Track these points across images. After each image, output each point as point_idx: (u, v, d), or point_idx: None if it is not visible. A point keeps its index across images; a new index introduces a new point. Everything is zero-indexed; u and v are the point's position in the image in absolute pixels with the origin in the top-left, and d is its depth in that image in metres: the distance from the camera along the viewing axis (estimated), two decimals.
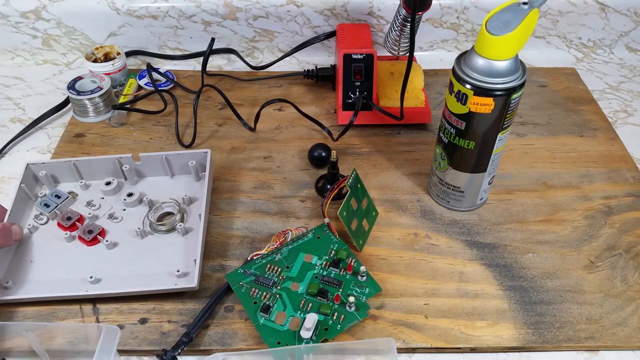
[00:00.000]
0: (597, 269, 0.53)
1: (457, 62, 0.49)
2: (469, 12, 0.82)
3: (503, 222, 0.58)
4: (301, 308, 0.48)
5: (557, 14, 0.82)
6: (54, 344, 0.45)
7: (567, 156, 0.66)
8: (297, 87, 0.78)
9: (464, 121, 0.50)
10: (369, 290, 0.50)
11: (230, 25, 0.82)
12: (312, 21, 0.82)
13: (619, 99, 0.77)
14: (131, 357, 0.48)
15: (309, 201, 0.60)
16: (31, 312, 0.50)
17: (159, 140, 0.69)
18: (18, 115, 0.74)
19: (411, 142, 0.68)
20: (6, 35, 0.81)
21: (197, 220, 0.56)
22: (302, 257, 0.53)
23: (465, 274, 0.53)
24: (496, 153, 0.53)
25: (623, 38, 0.85)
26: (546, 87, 0.78)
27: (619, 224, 0.58)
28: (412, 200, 0.60)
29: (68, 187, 0.61)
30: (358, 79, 0.68)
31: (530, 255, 0.55)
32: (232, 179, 0.63)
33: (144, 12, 0.80)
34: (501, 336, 0.48)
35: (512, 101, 0.48)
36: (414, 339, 0.47)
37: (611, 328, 0.48)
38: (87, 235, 0.55)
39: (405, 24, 0.65)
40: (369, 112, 0.69)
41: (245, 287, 0.50)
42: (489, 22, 0.45)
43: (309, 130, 0.70)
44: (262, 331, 0.47)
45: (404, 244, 0.56)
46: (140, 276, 0.52)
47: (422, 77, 0.70)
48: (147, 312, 0.50)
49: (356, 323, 0.48)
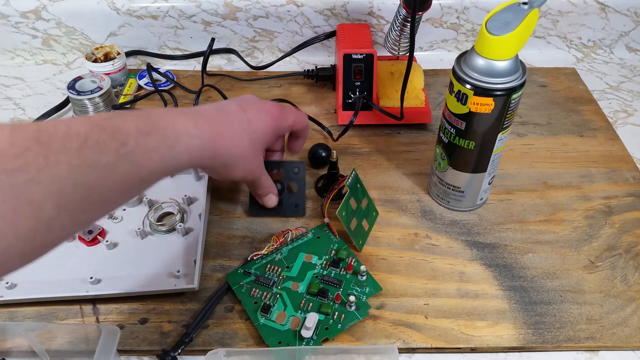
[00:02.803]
0: (597, 269, 0.53)
1: (457, 62, 0.49)
2: (469, 12, 0.82)
3: (503, 222, 0.58)
4: (301, 308, 0.48)
5: (557, 14, 0.82)
6: (54, 344, 0.45)
7: (567, 156, 0.66)
8: (297, 87, 0.78)
9: (464, 121, 0.50)
10: (369, 290, 0.50)
11: (230, 25, 0.82)
12: (312, 21, 0.82)
13: (619, 99, 0.77)
14: (131, 357, 0.48)
15: (309, 201, 0.60)
16: (31, 312, 0.50)
17: None
18: (18, 115, 0.74)
19: (411, 142, 0.68)
20: (6, 35, 0.81)
21: (197, 220, 0.56)
22: (302, 257, 0.53)
23: (465, 274, 0.53)
24: (496, 153, 0.53)
25: (623, 38, 0.85)
26: (546, 87, 0.78)
27: (619, 224, 0.57)
28: (412, 200, 0.60)
29: None
30: (358, 79, 0.68)
31: (531, 256, 0.55)
32: None
33: (144, 12, 0.80)
34: (501, 336, 0.48)
35: (512, 101, 0.48)
36: (414, 339, 0.47)
37: (611, 328, 0.48)
38: (87, 236, 0.55)
39: (405, 24, 0.65)
40: (369, 112, 0.69)
41: (245, 287, 0.50)
42: (489, 22, 0.45)
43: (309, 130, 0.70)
44: (263, 331, 0.47)
45: (404, 244, 0.56)
46: (140, 276, 0.52)
47: (422, 77, 0.70)
48: (147, 312, 0.50)
49: (356, 322, 0.48)
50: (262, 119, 0.49)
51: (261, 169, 0.52)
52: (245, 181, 0.53)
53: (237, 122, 0.47)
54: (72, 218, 0.33)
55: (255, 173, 0.51)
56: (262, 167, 0.52)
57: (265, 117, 0.49)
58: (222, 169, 0.47)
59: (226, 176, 0.49)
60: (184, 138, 0.41)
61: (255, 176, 0.52)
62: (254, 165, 0.50)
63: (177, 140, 0.40)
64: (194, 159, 0.42)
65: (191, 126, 0.42)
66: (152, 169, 0.38)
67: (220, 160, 0.45)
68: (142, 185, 0.39)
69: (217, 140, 0.44)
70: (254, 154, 0.49)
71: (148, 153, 0.37)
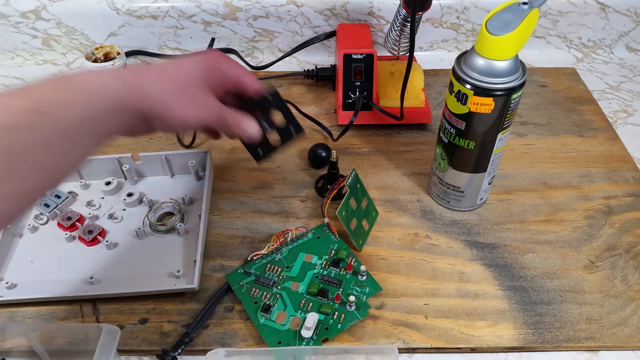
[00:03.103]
0: (597, 269, 0.53)
1: (457, 62, 0.49)
2: (469, 12, 0.82)
3: (503, 222, 0.58)
4: (301, 308, 0.48)
5: (557, 14, 0.82)
6: (54, 344, 0.45)
7: (567, 156, 0.66)
8: (297, 87, 0.78)
9: (464, 121, 0.50)
10: (369, 290, 0.50)
11: (230, 25, 0.82)
12: (312, 21, 0.82)
13: (619, 99, 0.77)
14: (131, 357, 0.48)
15: (309, 201, 0.60)
16: (31, 312, 0.50)
17: (159, 140, 0.69)
18: None
19: (411, 142, 0.68)
20: (6, 35, 0.81)
21: (197, 220, 0.56)
22: (302, 257, 0.53)
23: (465, 274, 0.53)
24: (496, 153, 0.53)
25: (623, 38, 0.85)
26: (546, 87, 0.78)
27: (619, 224, 0.57)
28: (412, 200, 0.60)
29: (68, 186, 0.61)
30: (358, 79, 0.68)
31: (531, 255, 0.55)
32: (232, 179, 0.63)
33: (144, 12, 0.80)
34: (501, 336, 0.48)
35: (512, 101, 0.48)
36: (414, 339, 0.47)
37: (611, 328, 0.48)
38: (87, 236, 0.55)
39: (405, 24, 0.65)
40: (369, 112, 0.69)
41: (245, 287, 0.50)
42: (489, 22, 0.45)
43: (309, 130, 0.70)
44: (263, 331, 0.47)
45: (404, 244, 0.56)
46: (140, 277, 0.52)
47: (422, 77, 0.70)
48: (147, 312, 0.50)
49: (356, 322, 0.48)
50: (192, 59, 0.46)
51: (215, 108, 0.46)
52: (204, 126, 0.48)
53: (163, 65, 0.45)
54: (10, 187, 0.33)
55: (207, 113, 0.46)
56: (215, 106, 0.46)
57: (195, 57, 0.47)
58: (159, 110, 0.42)
59: (169, 121, 0.43)
60: (99, 83, 0.39)
61: (212, 116, 0.46)
62: (199, 105, 0.45)
63: (91, 84, 0.38)
64: (115, 102, 0.39)
65: (107, 74, 0.40)
66: (68, 118, 0.36)
67: (150, 101, 0.41)
68: (65, 140, 0.36)
69: (142, 80, 0.41)
70: (190, 92, 0.44)
71: (60, 102, 0.36)
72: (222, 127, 0.49)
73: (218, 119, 0.47)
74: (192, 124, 0.46)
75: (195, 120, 0.45)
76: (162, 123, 0.44)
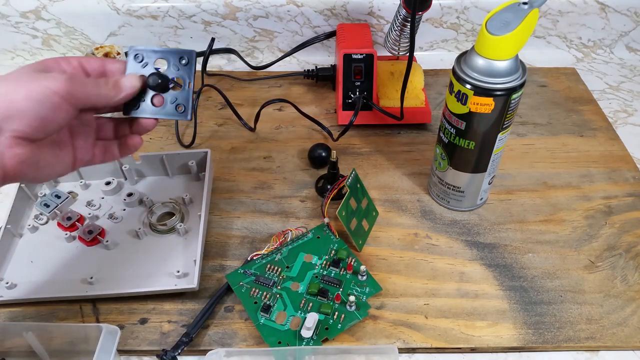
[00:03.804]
0: (597, 269, 0.53)
1: (457, 62, 0.49)
2: (469, 12, 0.82)
3: (503, 222, 0.58)
4: (302, 308, 0.48)
5: (557, 14, 0.82)
6: (54, 344, 0.45)
7: (567, 156, 0.66)
8: (297, 87, 0.78)
9: (464, 121, 0.50)
10: (369, 290, 0.50)
11: (230, 25, 0.82)
12: (312, 21, 0.82)
13: (619, 99, 0.77)
14: (131, 357, 0.48)
15: (309, 201, 0.60)
16: (31, 312, 0.50)
17: (158, 140, 0.69)
18: None
19: (411, 142, 0.68)
20: (6, 35, 0.81)
21: (197, 220, 0.56)
22: (302, 257, 0.53)
23: (465, 274, 0.53)
24: (496, 153, 0.53)
25: (623, 38, 0.85)
26: (546, 87, 0.78)
27: (619, 224, 0.57)
28: (412, 200, 0.60)
29: (68, 186, 0.61)
30: (358, 79, 0.68)
31: (531, 255, 0.55)
32: (232, 179, 0.63)
33: (144, 12, 0.80)
34: (501, 336, 0.48)
35: (512, 101, 0.48)
36: (414, 339, 0.47)
37: (611, 328, 0.48)
38: (87, 236, 0.55)
39: (405, 24, 0.65)
40: (369, 112, 0.69)
41: (245, 287, 0.50)
42: (489, 22, 0.45)
43: (309, 130, 0.70)
44: (263, 331, 0.47)
45: (404, 244, 0.56)
46: (140, 276, 0.52)
47: (422, 77, 0.70)
48: (147, 312, 0.50)
49: (356, 322, 0.48)
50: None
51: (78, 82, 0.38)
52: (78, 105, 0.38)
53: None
54: None
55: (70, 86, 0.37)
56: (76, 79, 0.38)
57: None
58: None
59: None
60: None
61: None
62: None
63: None
64: None
65: None
66: None
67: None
68: None
69: None
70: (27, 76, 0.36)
71: None
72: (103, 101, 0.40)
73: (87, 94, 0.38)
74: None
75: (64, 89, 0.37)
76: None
